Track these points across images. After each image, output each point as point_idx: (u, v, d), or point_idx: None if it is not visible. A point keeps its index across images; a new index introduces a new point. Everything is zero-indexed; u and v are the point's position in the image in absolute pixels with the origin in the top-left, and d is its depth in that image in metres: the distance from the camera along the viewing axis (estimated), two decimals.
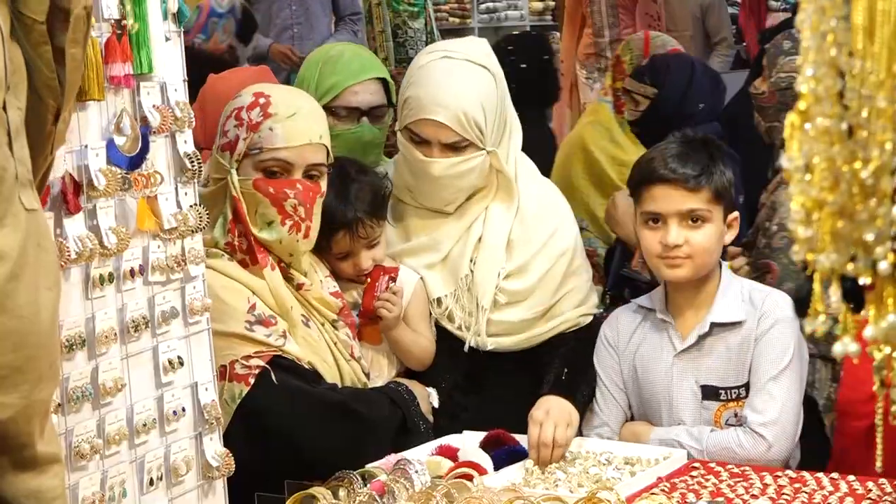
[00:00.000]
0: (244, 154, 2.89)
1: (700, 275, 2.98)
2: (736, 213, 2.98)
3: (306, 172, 2.91)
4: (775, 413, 2.84)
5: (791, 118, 1.10)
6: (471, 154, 3.09)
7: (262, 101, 2.91)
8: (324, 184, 2.95)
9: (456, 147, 3.08)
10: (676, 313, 3.01)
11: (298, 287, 2.95)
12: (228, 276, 2.86)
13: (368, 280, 3.11)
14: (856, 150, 1.07)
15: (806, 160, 1.08)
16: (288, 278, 2.94)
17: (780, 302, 2.95)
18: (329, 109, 3.29)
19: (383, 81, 3.45)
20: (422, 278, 3.20)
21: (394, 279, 3.12)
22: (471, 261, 3.15)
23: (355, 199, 3.07)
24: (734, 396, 2.93)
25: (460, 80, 3.09)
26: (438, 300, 3.18)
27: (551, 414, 2.94)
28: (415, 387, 3.09)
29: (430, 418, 3.08)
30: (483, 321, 3.12)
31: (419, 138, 3.11)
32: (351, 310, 3.11)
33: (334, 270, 3.13)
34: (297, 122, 2.91)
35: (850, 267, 1.09)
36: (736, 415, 2.92)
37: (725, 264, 3.07)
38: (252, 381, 2.80)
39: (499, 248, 3.14)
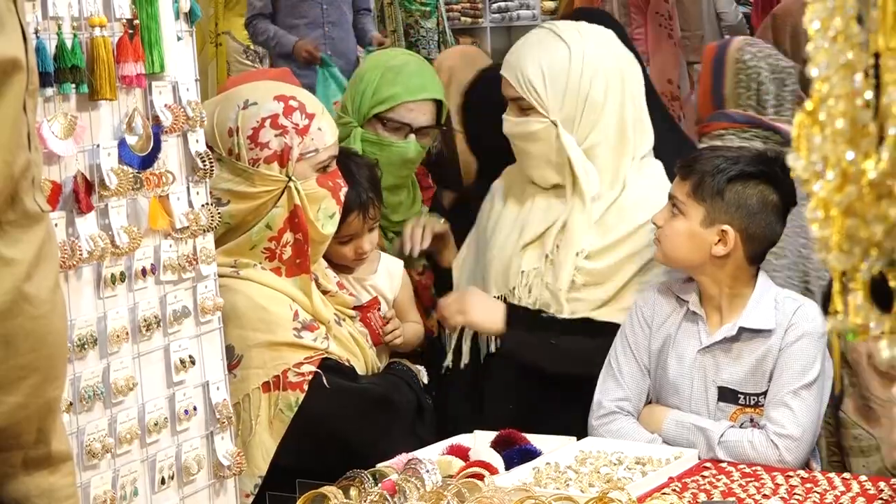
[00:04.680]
0: (296, 159, 2.88)
1: (671, 264, 2.99)
2: (727, 228, 2.86)
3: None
4: (793, 428, 2.80)
5: (799, 118, 1.10)
6: (533, 118, 3.17)
7: (294, 103, 2.89)
8: None
9: (522, 108, 3.18)
10: (708, 309, 2.98)
11: (324, 293, 2.99)
12: (268, 285, 2.87)
13: (361, 320, 3.14)
14: (868, 150, 1.06)
15: (818, 160, 1.08)
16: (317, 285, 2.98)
17: (810, 314, 2.88)
18: (379, 117, 3.38)
19: (438, 102, 3.49)
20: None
21: (378, 309, 3.21)
22: (556, 245, 3.19)
23: (364, 181, 3.14)
24: (752, 403, 2.90)
25: (530, 45, 3.23)
26: (523, 272, 3.23)
27: (462, 297, 3.19)
28: (410, 366, 3.17)
29: None
30: (564, 301, 3.15)
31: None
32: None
33: (329, 259, 3.15)
34: (329, 117, 2.98)
35: (863, 266, 1.09)
36: (752, 420, 2.90)
37: (763, 272, 2.98)
38: (306, 387, 2.83)
39: (578, 232, 3.16)
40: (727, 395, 2.92)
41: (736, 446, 2.83)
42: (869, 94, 1.07)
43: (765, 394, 2.88)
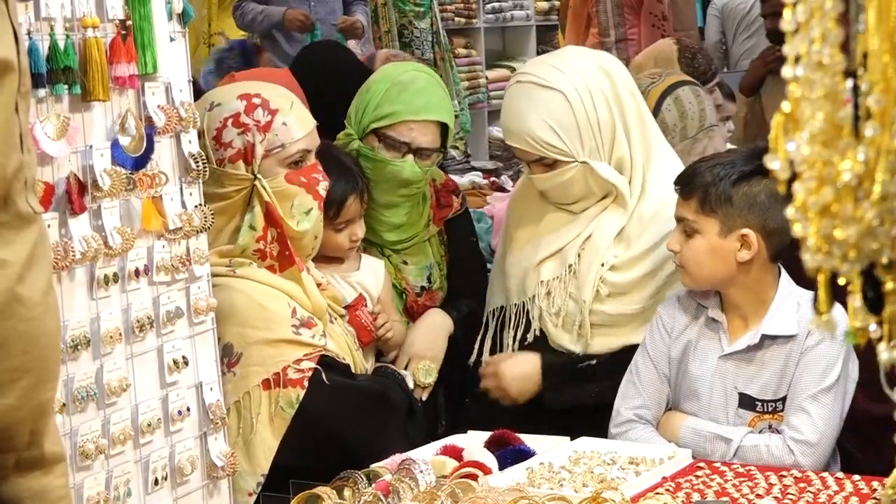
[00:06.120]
0: (262, 156, 2.87)
1: (705, 287, 2.95)
2: (746, 231, 2.85)
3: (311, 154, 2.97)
4: (811, 434, 2.79)
5: (777, 119, 1.11)
6: (562, 168, 3.17)
7: (257, 100, 2.88)
8: None
9: (545, 163, 3.19)
10: (729, 315, 2.95)
11: (316, 286, 2.99)
12: (265, 283, 2.87)
13: (351, 323, 3.16)
14: (846, 152, 1.07)
15: (797, 161, 1.09)
16: None
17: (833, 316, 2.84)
18: (378, 133, 3.30)
19: (444, 124, 3.38)
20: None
21: (365, 305, 3.23)
22: (578, 255, 3.21)
23: (353, 166, 3.20)
24: (770, 409, 2.88)
25: (523, 105, 3.18)
26: (543, 282, 3.25)
27: (496, 369, 3.22)
28: (397, 370, 3.20)
29: None
30: (586, 314, 3.17)
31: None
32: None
33: (323, 253, 3.17)
34: (299, 110, 2.96)
35: (843, 267, 1.09)
36: (770, 426, 2.87)
37: (785, 274, 2.95)
38: (306, 384, 2.83)
39: (603, 243, 3.18)
40: (745, 401, 2.90)
41: (752, 451, 2.81)
42: (848, 96, 1.08)
43: (783, 399, 2.86)
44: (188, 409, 2.58)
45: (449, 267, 3.54)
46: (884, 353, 1.11)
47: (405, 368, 3.29)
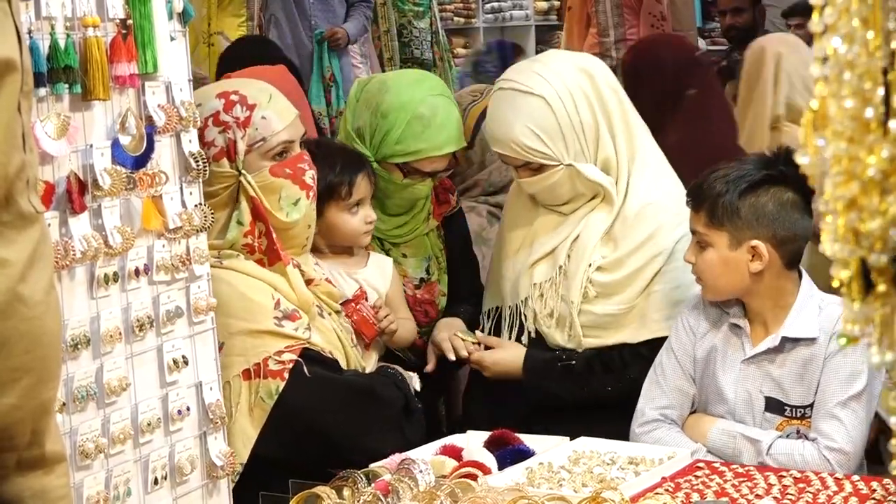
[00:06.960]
0: (245, 152, 2.89)
1: (725, 297, 2.95)
2: (756, 243, 2.85)
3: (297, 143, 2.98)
4: (845, 442, 2.78)
5: (807, 116, 1.12)
6: (548, 172, 3.20)
7: (234, 97, 2.90)
8: None
9: (531, 168, 3.21)
10: (752, 322, 2.94)
11: (308, 282, 2.99)
12: (250, 274, 2.88)
13: (351, 317, 3.16)
14: (873, 147, 1.08)
15: (825, 156, 1.10)
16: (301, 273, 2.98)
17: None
18: (400, 164, 3.35)
19: None
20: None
21: (366, 299, 3.23)
22: (568, 256, 3.23)
23: (352, 149, 3.26)
24: (798, 415, 2.87)
25: (506, 112, 3.21)
26: (535, 285, 3.27)
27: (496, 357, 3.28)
28: (401, 371, 3.18)
29: None
30: (575, 316, 3.19)
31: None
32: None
33: (338, 244, 3.21)
34: (279, 102, 2.97)
35: (871, 258, 1.10)
36: (798, 432, 2.87)
37: (807, 278, 2.95)
38: (287, 375, 2.83)
39: (590, 243, 3.20)
40: (773, 405, 2.90)
41: (786, 459, 2.80)
42: (878, 92, 1.08)
43: (811, 406, 2.85)
44: (188, 409, 2.58)
45: (447, 264, 3.57)
46: (875, 357, 1.11)
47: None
